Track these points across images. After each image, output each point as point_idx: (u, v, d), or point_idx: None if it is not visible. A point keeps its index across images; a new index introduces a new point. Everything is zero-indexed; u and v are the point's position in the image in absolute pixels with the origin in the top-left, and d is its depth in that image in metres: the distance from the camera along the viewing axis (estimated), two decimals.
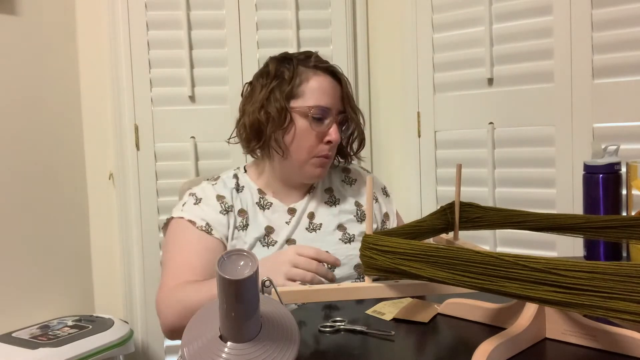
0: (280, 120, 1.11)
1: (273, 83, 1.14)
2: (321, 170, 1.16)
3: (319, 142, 1.14)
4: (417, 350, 0.69)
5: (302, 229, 1.16)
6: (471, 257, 0.60)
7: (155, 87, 1.70)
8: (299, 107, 1.13)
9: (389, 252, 0.69)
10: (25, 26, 1.61)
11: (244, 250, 0.57)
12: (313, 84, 1.14)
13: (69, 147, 1.73)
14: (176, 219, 1.14)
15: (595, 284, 0.52)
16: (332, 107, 1.14)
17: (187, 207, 1.14)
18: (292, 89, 1.13)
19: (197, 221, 1.11)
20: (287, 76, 1.13)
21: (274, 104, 1.12)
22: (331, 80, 1.16)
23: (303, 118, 1.13)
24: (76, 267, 1.75)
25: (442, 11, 1.65)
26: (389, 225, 1.26)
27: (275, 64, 1.17)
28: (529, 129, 1.51)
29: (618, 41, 1.35)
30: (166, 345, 1.74)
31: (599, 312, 0.52)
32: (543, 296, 0.55)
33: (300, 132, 1.13)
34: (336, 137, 1.13)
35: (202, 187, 1.18)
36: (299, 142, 1.13)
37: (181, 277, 1.06)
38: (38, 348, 1.37)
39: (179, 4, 1.69)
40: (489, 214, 0.94)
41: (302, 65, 1.15)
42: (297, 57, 1.18)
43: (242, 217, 1.14)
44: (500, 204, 1.56)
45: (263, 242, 1.13)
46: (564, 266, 0.54)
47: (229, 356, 0.56)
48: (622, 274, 0.51)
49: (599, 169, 1.06)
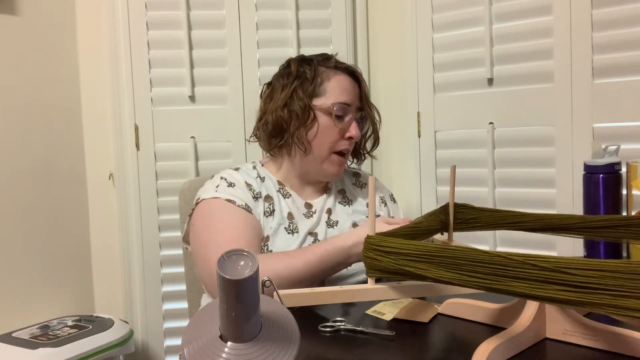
0: (304, 118, 1.17)
1: (295, 83, 1.19)
2: (339, 169, 1.22)
3: (340, 138, 1.20)
4: (417, 350, 0.69)
5: (322, 223, 1.22)
6: (478, 257, 0.59)
7: (155, 87, 1.70)
8: (321, 104, 1.18)
9: (392, 253, 0.69)
10: (25, 26, 1.61)
11: (244, 250, 0.57)
12: (334, 83, 1.20)
13: (69, 147, 1.73)
14: (209, 199, 1.14)
15: (605, 282, 0.52)
16: (352, 104, 1.21)
17: (221, 188, 1.16)
18: (315, 87, 1.19)
19: (236, 200, 1.13)
20: (309, 76, 1.19)
21: (297, 102, 1.17)
22: (350, 79, 1.23)
23: (326, 115, 1.18)
24: (76, 267, 1.75)
25: (442, 11, 1.65)
26: None
27: (296, 64, 1.23)
28: (529, 129, 1.51)
29: (618, 41, 1.35)
30: (166, 345, 1.74)
31: (609, 310, 0.52)
32: (552, 295, 0.55)
33: (323, 129, 1.18)
34: (356, 133, 1.20)
35: (230, 174, 1.21)
36: (321, 138, 1.18)
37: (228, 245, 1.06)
38: (38, 348, 1.37)
39: (179, 4, 1.69)
40: (484, 215, 0.93)
41: (323, 66, 1.22)
42: (316, 58, 1.24)
43: (269, 202, 1.18)
44: (500, 204, 1.56)
45: (288, 229, 1.17)
46: (574, 265, 0.53)
47: (229, 356, 0.56)
48: (632, 272, 0.51)
49: (599, 169, 1.06)
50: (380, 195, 1.33)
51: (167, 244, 1.71)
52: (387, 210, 1.32)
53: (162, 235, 1.71)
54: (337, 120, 1.18)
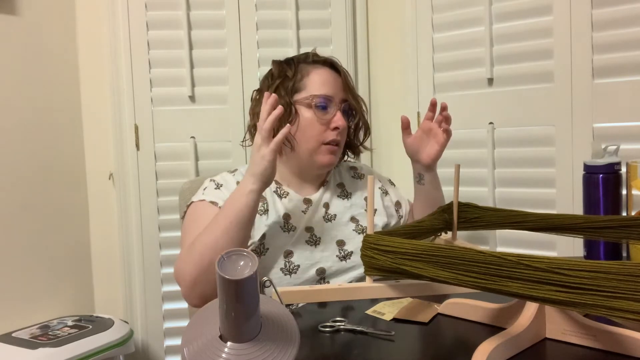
0: (286, 115, 1.17)
1: (277, 82, 1.21)
2: (331, 157, 1.21)
3: (325, 129, 1.20)
4: (417, 350, 0.69)
5: (319, 217, 1.22)
6: (474, 256, 0.60)
7: (155, 87, 1.70)
8: (302, 98, 1.19)
9: (390, 252, 0.69)
10: (25, 26, 1.61)
11: (244, 250, 0.57)
12: (313, 77, 1.21)
13: (69, 147, 1.73)
14: (196, 202, 1.18)
15: (598, 283, 0.52)
16: (334, 95, 1.21)
17: (208, 191, 1.19)
18: (295, 84, 1.20)
19: (219, 202, 1.15)
20: (289, 74, 1.21)
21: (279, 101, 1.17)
22: (331, 71, 1.24)
23: (307, 109, 1.19)
24: (76, 267, 1.75)
25: (442, 11, 1.65)
26: (403, 210, 1.34)
27: (278, 65, 1.25)
28: (529, 129, 1.51)
29: (618, 41, 1.35)
30: (166, 345, 1.74)
31: (602, 311, 0.52)
32: (546, 296, 0.55)
33: (305, 122, 1.19)
34: (342, 123, 1.19)
35: (222, 176, 1.24)
36: (305, 132, 1.19)
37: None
38: (38, 348, 1.37)
39: (179, 4, 1.69)
40: (487, 214, 0.94)
41: (302, 62, 1.23)
42: (297, 57, 1.26)
43: (262, 202, 1.19)
44: (500, 204, 1.56)
45: (284, 228, 1.17)
46: (567, 265, 0.54)
47: (229, 356, 0.56)
48: (625, 273, 0.51)
49: (599, 169, 1.06)
50: (379, 186, 1.34)
51: (167, 244, 1.71)
52: (390, 198, 1.34)
53: (162, 235, 1.71)
54: (320, 112, 1.18)
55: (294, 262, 1.15)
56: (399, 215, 1.33)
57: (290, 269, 1.14)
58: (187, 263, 1.05)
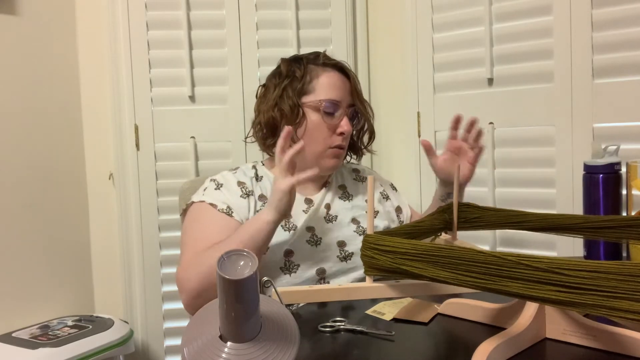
0: (293, 116, 1.18)
1: (285, 82, 1.20)
2: (336, 161, 1.22)
3: (331, 133, 1.20)
4: (417, 350, 0.69)
5: (320, 217, 1.22)
6: (474, 256, 0.60)
7: (155, 87, 1.70)
8: (310, 101, 1.19)
9: (390, 252, 0.69)
10: (25, 26, 1.61)
11: (244, 250, 0.57)
12: (323, 80, 1.20)
13: (69, 147, 1.73)
14: (197, 203, 1.18)
15: (598, 283, 0.52)
16: (341, 100, 1.20)
17: (208, 191, 1.18)
18: (304, 85, 1.20)
19: (218, 204, 1.15)
20: (298, 74, 1.20)
21: (287, 102, 1.18)
22: (340, 75, 1.23)
23: (315, 112, 1.19)
24: (76, 267, 1.75)
25: (442, 11, 1.65)
26: (404, 216, 1.34)
27: (287, 64, 1.24)
28: (529, 129, 1.51)
29: (618, 41, 1.35)
30: (166, 345, 1.74)
31: (602, 311, 0.52)
32: (546, 296, 0.55)
33: (312, 126, 1.19)
34: (348, 128, 1.20)
35: (223, 175, 1.23)
36: (312, 135, 1.19)
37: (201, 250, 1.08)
38: (38, 348, 1.37)
39: (179, 4, 1.69)
40: (487, 214, 0.94)
41: (312, 64, 1.22)
42: (306, 56, 1.25)
43: (262, 201, 1.19)
44: (500, 204, 1.56)
45: (284, 226, 1.17)
46: (567, 265, 0.54)
47: (229, 356, 0.56)
48: (625, 273, 0.51)
49: (599, 169, 1.06)
50: (380, 191, 1.33)
51: (167, 244, 1.71)
52: (391, 203, 1.33)
53: (162, 235, 1.71)
54: (327, 117, 1.19)
55: (294, 262, 1.15)
56: (399, 220, 1.33)
57: (290, 268, 1.14)
58: (193, 275, 1.05)
